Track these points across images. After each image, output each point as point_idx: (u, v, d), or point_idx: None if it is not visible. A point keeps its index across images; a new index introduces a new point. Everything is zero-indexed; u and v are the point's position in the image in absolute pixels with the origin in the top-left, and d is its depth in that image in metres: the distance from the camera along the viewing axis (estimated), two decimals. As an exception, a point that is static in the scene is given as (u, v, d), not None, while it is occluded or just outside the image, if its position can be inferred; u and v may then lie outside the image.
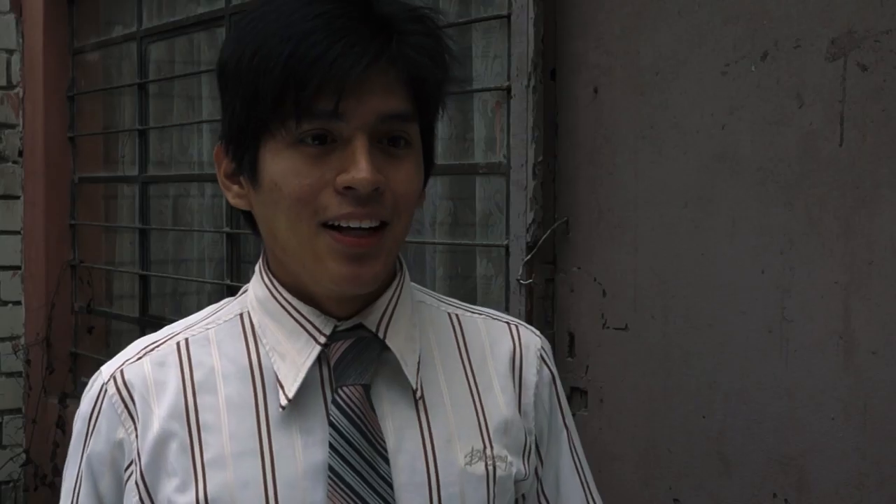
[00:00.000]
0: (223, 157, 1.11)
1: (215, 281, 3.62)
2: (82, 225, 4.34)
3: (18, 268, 4.47)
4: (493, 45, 2.49)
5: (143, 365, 1.11)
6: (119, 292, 4.29)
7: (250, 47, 1.03)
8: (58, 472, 4.17)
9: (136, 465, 1.08)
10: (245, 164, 1.07)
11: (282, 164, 1.03)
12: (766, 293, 1.81)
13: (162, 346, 1.12)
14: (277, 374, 1.08)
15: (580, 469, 1.25)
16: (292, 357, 1.08)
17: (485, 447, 1.12)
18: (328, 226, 1.03)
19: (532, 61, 2.16)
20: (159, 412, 1.08)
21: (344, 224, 1.02)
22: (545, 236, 2.17)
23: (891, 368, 1.65)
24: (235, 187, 1.11)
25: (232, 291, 3.47)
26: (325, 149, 1.02)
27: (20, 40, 4.45)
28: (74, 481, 1.13)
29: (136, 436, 1.08)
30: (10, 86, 4.44)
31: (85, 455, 1.12)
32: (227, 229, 3.49)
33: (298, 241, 1.04)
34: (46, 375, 4.28)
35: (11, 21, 4.44)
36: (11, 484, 4.45)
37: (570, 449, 1.24)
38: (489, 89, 2.47)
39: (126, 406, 1.09)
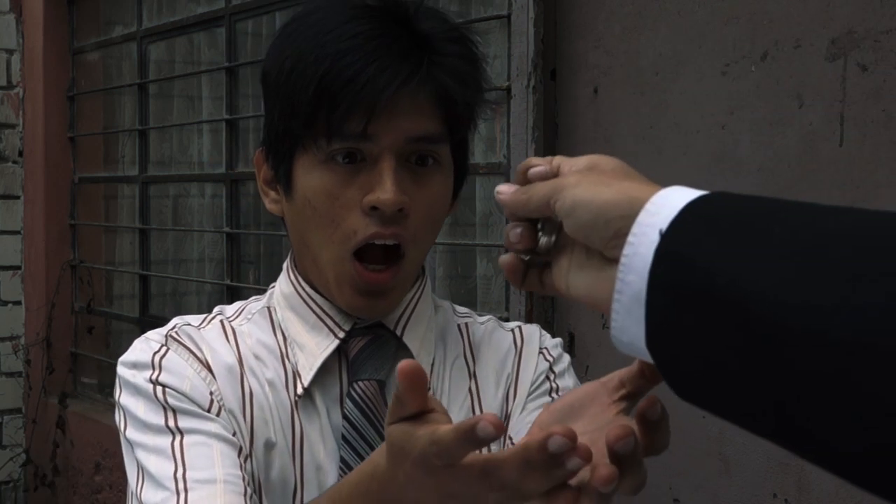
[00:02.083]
0: (263, 163, 1.15)
1: (215, 281, 3.62)
2: (82, 225, 4.34)
3: (18, 268, 4.47)
4: (493, 45, 2.49)
5: (194, 330, 1.12)
6: (119, 292, 4.29)
7: (289, 61, 1.06)
8: (58, 472, 4.16)
9: (215, 395, 1.07)
10: (281, 174, 1.11)
11: (314, 182, 1.06)
12: (766, 293, 1.80)
13: (205, 323, 1.14)
14: (296, 364, 1.11)
15: None
16: (311, 349, 1.11)
17: None
18: (357, 251, 1.06)
19: (532, 61, 2.16)
20: (217, 367, 1.08)
21: (370, 241, 1.05)
22: (545, 236, 2.17)
23: (891, 368, 1.65)
24: (273, 193, 1.15)
25: (231, 291, 3.48)
26: (355, 167, 1.05)
27: (20, 40, 4.45)
28: (172, 435, 1.03)
29: (207, 371, 1.08)
30: (10, 86, 4.44)
31: (168, 389, 1.06)
32: (227, 229, 3.49)
33: (328, 259, 1.08)
34: (46, 375, 4.28)
35: (11, 21, 4.44)
36: (11, 484, 4.45)
37: None
38: (489, 89, 2.46)
39: (191, 351, 1.08)
